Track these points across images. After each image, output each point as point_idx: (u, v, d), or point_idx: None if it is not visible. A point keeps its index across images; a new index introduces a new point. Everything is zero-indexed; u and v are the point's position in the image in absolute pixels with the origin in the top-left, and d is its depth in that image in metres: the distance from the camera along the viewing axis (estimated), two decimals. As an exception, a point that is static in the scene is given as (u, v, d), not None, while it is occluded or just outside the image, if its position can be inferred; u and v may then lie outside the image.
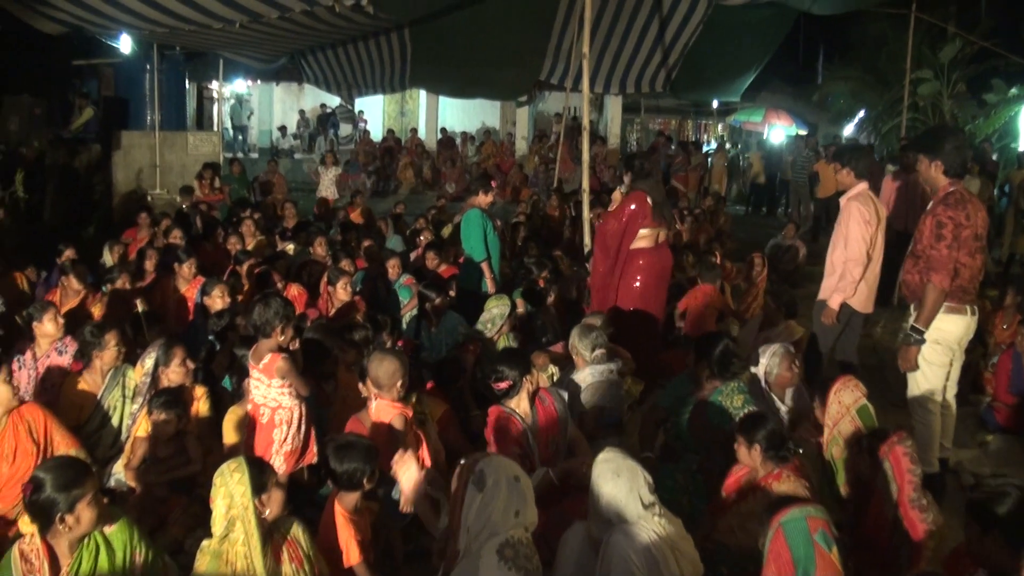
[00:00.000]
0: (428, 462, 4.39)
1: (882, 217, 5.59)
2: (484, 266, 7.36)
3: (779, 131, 24.40)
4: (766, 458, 3.87)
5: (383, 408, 4.28)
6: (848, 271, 5.49)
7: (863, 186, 5.61)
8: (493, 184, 7.81)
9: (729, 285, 8.46)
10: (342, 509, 3.63)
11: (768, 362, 5.02)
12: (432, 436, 4.71)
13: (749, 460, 3.95)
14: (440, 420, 4.99)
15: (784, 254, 11.42)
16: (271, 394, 4.42)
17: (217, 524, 3.22)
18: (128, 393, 5.05)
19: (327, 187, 16.45)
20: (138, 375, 5.02)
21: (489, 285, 7.35)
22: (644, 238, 6.51)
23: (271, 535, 3.30)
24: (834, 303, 5.59)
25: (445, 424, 5.05)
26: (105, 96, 15.27)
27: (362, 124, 25.17)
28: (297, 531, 3.41)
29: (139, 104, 14.81)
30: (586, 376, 5.26)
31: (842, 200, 5.68)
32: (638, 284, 6.50)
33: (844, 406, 4.32)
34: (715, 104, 24.81)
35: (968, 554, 3.31)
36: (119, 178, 13.64)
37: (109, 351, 5.06)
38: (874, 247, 5.52)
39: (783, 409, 4.97)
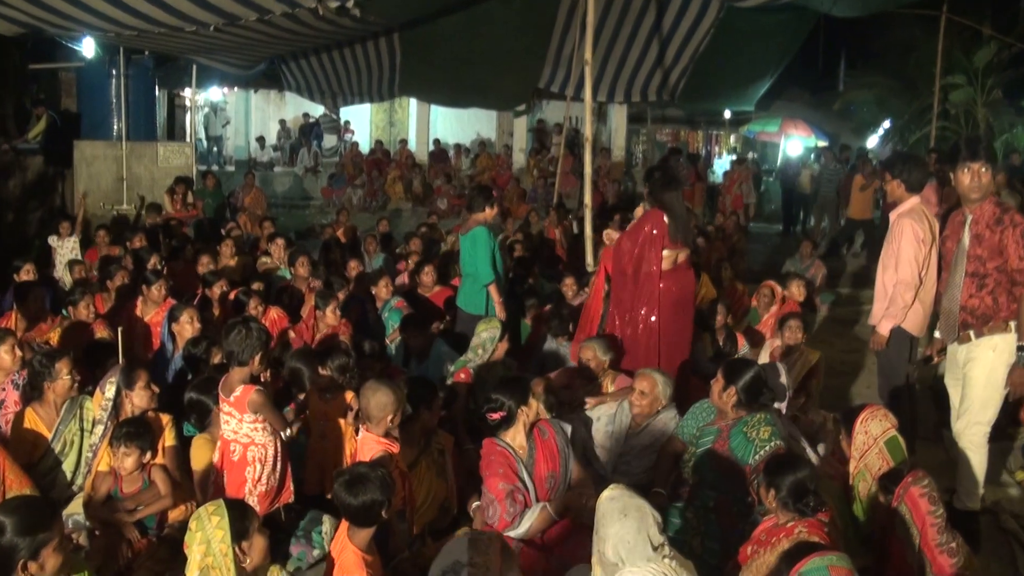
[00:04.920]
0: (413, 502, 4.39)
1: (936, 234, 5.46)
2: (492, 289, 7.21)
3: (796, 142, 24.45)
4: (783, 507, 3.73)
5: (368, 442, 4.25)
6: (899, 295, 5.40)
7: (915, 200, 5.49)
8: (495, 196, 7.73)
9: (725, 305, 8.26)
10: (355, 548, 3.56)
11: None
12: (448, 472, 4.91)
13: (767, 503, 3.86)
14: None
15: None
16: (243, 429, 4.38)
17: (191, 572, 3.16)
18: (87, 426, 4.98)
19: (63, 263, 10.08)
20: (97, 404, 4.94)
21: (498, 310, 7.24)
22: (663, 260, 6.27)
23: None
24: (883, 329, 5.52)
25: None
26: (58, 105, 15.26)
27: (348, 135, 25.23)
28: None
29: (104, 112, 14.76)
30: (600, 412, 5.27)
31: (892, 215, 5.59)
32: (657, 312, 6.29)
33: (872, 437, 4.29)
34: (727, 114, 24.88)
35: None
36: (81, 192, 13.58)
37: (62, 381, 4.95)
38: (928, 268, 5.41)
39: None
